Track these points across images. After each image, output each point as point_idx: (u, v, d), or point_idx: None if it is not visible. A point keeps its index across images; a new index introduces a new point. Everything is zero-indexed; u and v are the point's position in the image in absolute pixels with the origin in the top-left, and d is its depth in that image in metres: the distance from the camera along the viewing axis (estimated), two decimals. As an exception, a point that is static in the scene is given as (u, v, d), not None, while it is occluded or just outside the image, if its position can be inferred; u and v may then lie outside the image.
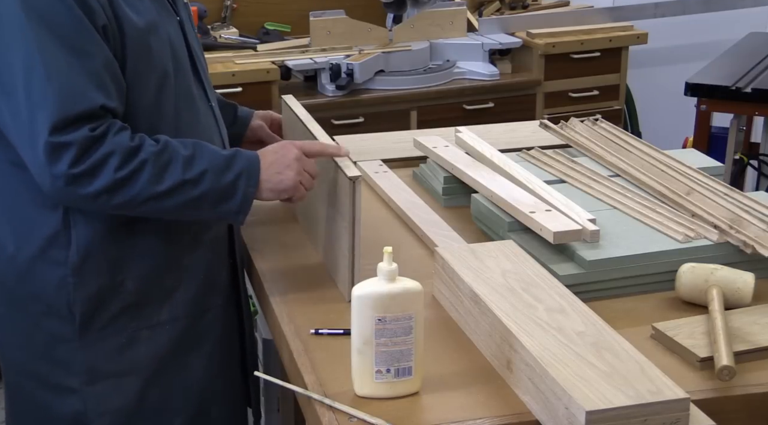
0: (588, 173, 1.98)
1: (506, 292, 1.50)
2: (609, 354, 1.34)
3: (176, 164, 1.52)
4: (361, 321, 1.35)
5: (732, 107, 3.27)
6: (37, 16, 1.46)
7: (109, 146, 1.48)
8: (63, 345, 1.63)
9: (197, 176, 1.53)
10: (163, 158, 1.52)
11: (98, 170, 1.48)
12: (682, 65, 4.00)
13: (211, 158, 1.56)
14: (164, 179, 1.51)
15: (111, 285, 1.62)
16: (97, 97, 1.48)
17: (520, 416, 1.34)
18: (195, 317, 1.70)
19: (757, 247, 1.67)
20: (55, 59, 1.46)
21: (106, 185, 1.48)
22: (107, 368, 1.65)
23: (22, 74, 1.46)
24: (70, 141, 1.46)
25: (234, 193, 1.56)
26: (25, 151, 1.49)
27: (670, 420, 1.25)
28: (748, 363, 1.44)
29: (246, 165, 1.58)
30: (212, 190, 1.55)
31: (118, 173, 1.48)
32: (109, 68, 1.51)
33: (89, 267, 1.60)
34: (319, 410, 1.36)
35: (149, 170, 1.50)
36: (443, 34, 3.79)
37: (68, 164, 1.46)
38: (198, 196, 1.54)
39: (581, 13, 4.02)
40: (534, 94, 3.82)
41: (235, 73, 3.36)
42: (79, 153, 1.46)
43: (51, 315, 1.62)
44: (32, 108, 1.46)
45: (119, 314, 1.63)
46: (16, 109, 1.48)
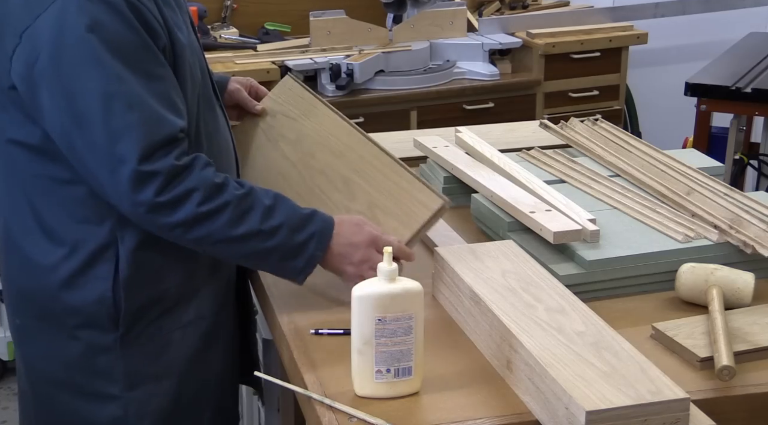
0: (588, 173, 1.98)
1: (506, 292, 1.50)
2: (609, 354, 1.34)
3: (256, 212, 1.53)
4: (361, 321, 1.35)
5: (732, 107, 3.27)
6: (108, 43, 1.45)
7: (195, 181, 1.48)
8: (102, 355, 1.62)
9: (273, 228, 1.53)
10: (245, 204, 1.52)
11: (182, 201, 1.48)
12: (682, 65, 4.00)
13: (289, 213, 1.56)
14: (241, 225, 1.51)
15: (156, 295, 1.62)
16: (175, 120, 1.49)
17: (520, 416, 1.34)
18: (216, 313, 1.71)
19: (757, 247, 1.67)
20: (131, 87, 1.45)
21: (186, 218, 1.49)
22: (146, 372, 1.64)
23: (99, 104, 1.44)
24: (158, 170, 1.46)
25: (303, 253, 1.56)
26: (104, 177, 1.48)
27: (670, 420, 1.25)
28: (748, 363, 1.44)
29: (321, 227, 1.57)
30: (283, 245, 1.55)
31: (200, 207, 1.49)
32: (176, 89, 1.52)
33: (138, 280, 1.59)
34: (319, 410, 1.36)
35: (230, 212, 1.50)
36: (443, 34, 3.79)
37: (154, 193, 1.46)
38: (269, 248, 1.54)
39: (581, 13, 4.02)
40: (534, 94, 3.82)
41: (235, 73, 3.35)
42: (165, 182, 1.46)
43: (89, 327, 1.61)
44: (113, 137, 1.45)
45: (157, 318, 1.63)
46: (93, 137, 1.46)
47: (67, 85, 1.46)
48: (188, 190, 1.48)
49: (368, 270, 1.58)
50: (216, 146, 1.67)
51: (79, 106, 1.46)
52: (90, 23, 1.44)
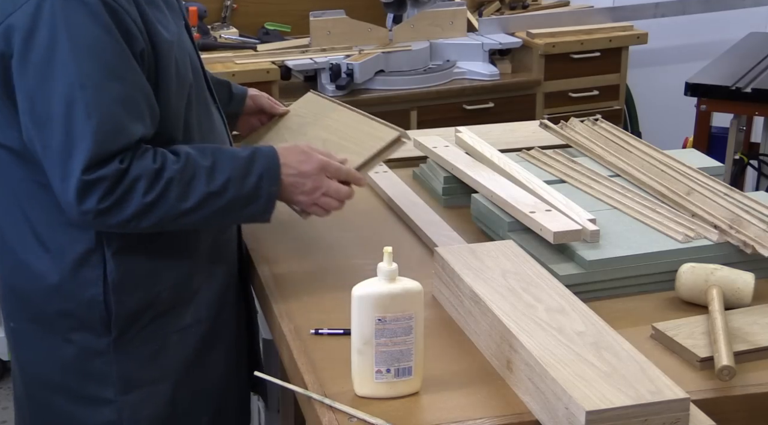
0: (588, 173, 1.98)
1: (506, 292, 1.50)
2: (609, 354, 1.33)
3: (200, 178, 1.52)
4: (361, 321, 1.35)
5: (732, 107, 3.27)
6: (79, 46, 1.43)
7: (135, 172, 1.47)
8: (96, 359, 1.62)
9: (221, 186, 1.53)
10: (187, 174, 1.51)
11: (126, 198, 1.47)
12: (682, 65, 4.00)
13: (231, 164, 1.55)
14: (190, 195, 1.51)
15: (147, 299, 1.62)
16: (136, 129, 1.48)
17: (520, 416, 1.34)
18: (215, 317, 1.71)
19: (757, 247, 1.67)
20: (95, 92, 1.44)
21: (136, 211, 1.48)
22: (141, 376, 1.64)
23: (61, 107, 1.44)
24: (102, 176, 1.45)
25: (258, 196, 1.56)
26: (56, 183, 1.48)
27: (670, 420, 1.25)
28: (748, 363, 1.44)
29: (265, 164, 1.57)
30: (237, 197, 1.55)
31: (146, 197, 1.48)
32: (146, 96, 1.51)
33: (127, 284, 1.59)
34: (319, 410, 1.36)
35: (175, 189, 1.50)
36: (443, 34, 3.79)
37: (97, 200, 1.46)
38: (224, 205, 1.54)
39: (581, 13, 4.02)
40: (534, 94, 3.82)
41: (235, 73, 3.36)
42: (109, 187, 1.46)
43: (82, 331, 1.61)
44: (70, 145, 1.44)
45: (150, 322, 1.63)
46: (50, 141, 1.46)
47: (33, 84, 1.45)
48: (131, 183, 1.47)
49: (321, 197, 1.61)
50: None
51: (42, 107, 1.45)
52: (62, 23, 1.43)
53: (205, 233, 1.67)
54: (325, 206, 1.64)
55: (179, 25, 1.63)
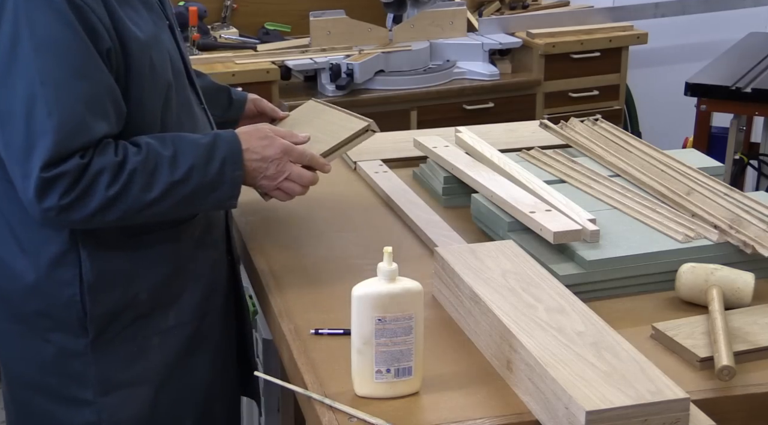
0: (588, 173, 1.98)
1: (506, 292, 1.50)
2: (609, 354, 1.33)
3: (162, 168, 1.51)
4: (361, 321, 1.35)
5: (732, 107, 3.28)
6: (43, 44, 1.42)
7: (97, 166, 1.46)
8: (75, 359, 1.62)
9: (185, 174, 1.52)
10: (149, 165, 1.50)
11: (89, 193, 1.46)
12: (682, 65, 4.00)
13: (193, 151, 1.54)
14: (154, 186, 1.50)
15: (125, 299, 1.61)
16: (98, 127, 1.47)
17: (520, 416, 1.34)
18: (200, 319, 1.70)
19: (757, 247, 1.67)
20: (57, 90, 1.43)
21: (99, 205, 1.47)
22: (120, 378, 1.64)
23: (23, 105, 1.43)
24: (62, 172, 1.43)
25: (222, 182, 1.56)
26: (18, 182, 1.47)
27: (670, 420, 1.25)
28: (748, 363, 1.44)
29: (227, 150, 1.57)
30: (201, 184, 1.54)
31: (110, 190, 1.47)
32: (111, 94, 1.49)
33: (103, 285, 1.59)
34: (319, 410, 1.36)
35: (138, 180, 1.49)
36: (443, 34, 3.79)
37: (59, 196, 1.44)
38: (189, 193, 1.53)
39: (581, 13, 4.02)
40: (534, 94, 3.82)
41: (235, 73, 3.36)
42: (71, 183, 1.45)
43: (60, 331, 1.61)
44: (30, 143, 1.43)
45: (130, 324, 1.62)
46: (11, 139, 1.45)
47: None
48: (93, 177, 1.46)
49: (284, 181, 1.62)
50: None
51: (3, 105, 1.44)
52: (24, 20, 1.42)
53: (187, 236, 1.66)
54: (287, 191, 1.65)
55: (159, 25, 1.61)
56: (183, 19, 3.50)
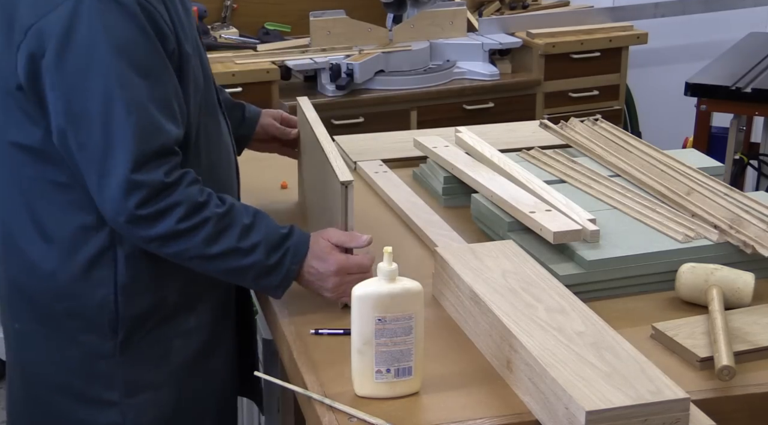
0: (588, 173, 1.98)
1: (506, 292, 1.50)
2: (609, 354, 1.33)
3: (234, 230, 1.52)
4: (361, 321, 1.35)
5: (732, 107, 3.27)
6: (116, 45, 1.44)
7: (179, 196, 1.48)
8: (102, 361, 1.61)
9: (250, 246, 1.53)
10: (224, 222, 1.51)
11: (162, 216, 1.47)
12: (682, 65, 4.00)
13: (267, 231, 1.55)
14: (218, 242, 1.51)
15: (155, 301, 1.61)
16: (171, 129, 1.48)
17: (520, 416, 1.34)
18: (218, 322, 1.70)
19: (757, 247, 1.67)
20: (134, 91, 1.45)
21: (164, 233, 1.48)
22: (146, 379, 1.63)
23: (99, 105, 1.44)
24: (145, 182, 1.45)
25: (278, 270, 1.56)
26: (92, 180, 1.48)
27: (670, 420, 1.25)
28: (748, 363, 1.44)
29: (296, 245, 1.56)
30: (259, 263, 1.54)
31: (180, 224, 1.48)
32: (178, 97, 1.52)
33: (137, 287, 1.59)
34: (319, 410, 1.36)
35: (208, 229, 1.50)
36: (443, 34, 3.79)
37: (135, 205, 1.45)
38: (244, 266, 1.54)
39: (581, 13, 4.02)
40: (534, 94, 3.82)
41: (235, 73, 3.36)
42: (149, 196, 1.46)
43: (90, 332, 1.60)
44: (109, 141, 1.44)
45: (156, 326, 1.62)
46: (87, 140, 1.46)
47: (70, 83, 1.45)
48: (170, 205, 1.48)
49: (343, 295, 1.58)
50: (216, 152, 1.67)
51: (79, 105, 1.46)
52: (100, 24, 1.44)
53: None
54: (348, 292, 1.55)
55: (194, 30, 1.64)
56: (183, 19, 3.50)
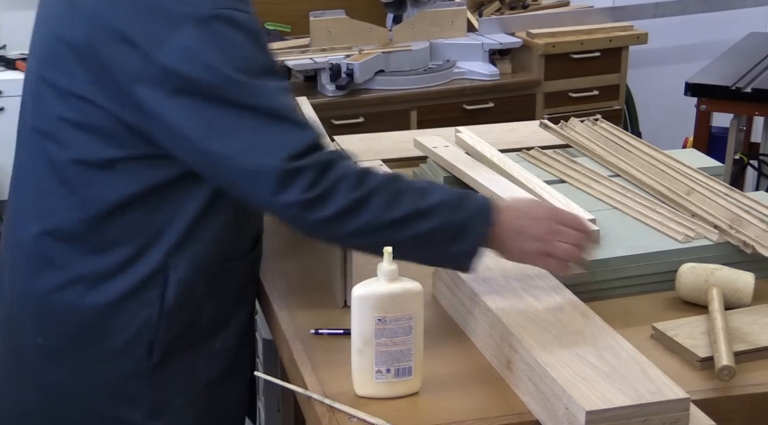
0: (588, 173, 1.98)
1: (506, 292, 1.50)
2: (609, 354, 1.34)
3: (409, 193, 1.44)
4: (361, 321, 1.35)
5: (732, 106, 3.27)
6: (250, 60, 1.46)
7: (341, 170, 1.42)
8: (132, 381, 1.57)
9: (430, 206, 1.43)
10: (395, 185, 1.44)
11: (332, 192, 1.41)
12: (682, 65, 4.00)
13: (443, 191, 1.47)
14: (397, 206, 1.42)
15: (191, 326, 1.58)
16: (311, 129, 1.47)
17: (520, 416, 1.34)
18: (239, 345, 1.68)
19: (757, 247, 1.67)
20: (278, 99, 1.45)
21: (341, 207, 1.41)
22: (171, 402, 1.60)
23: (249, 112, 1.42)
24: (305, 165, 1.40)
25: (464, 235, 1.44)
26: (244, 184, 1.44)
27: (670, 420, 1.25)
28: (748, 363, 1.44)
29: (477, 205, 1.46)
30: (443, 227, 1.44)
31: (352, 194, 1.41)
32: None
33: (179, 310, 1.55)
34: (319, 410, 1.36)
35: (382, 194, 1.42)
36: (443, 34, 3.79)
37: (301, 190, 1.40)
38: (430, 230, 1.43)
39: (581, 13, 4.02)
40: (534, 94, 3.82)
41: (235, 73, 3.35)
42: (314, 178, 1.41)
43: (125, 352, 1.56)
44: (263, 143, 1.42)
45: (187, 348, 1.60)
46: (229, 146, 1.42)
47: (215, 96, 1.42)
48: (336, 178, 1.42)
49: (557, 244, 1.45)
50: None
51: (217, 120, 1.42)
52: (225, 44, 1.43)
53: (256, 264, 1.66)
54: (562, 254, 1.47)
55: None
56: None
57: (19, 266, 1.61)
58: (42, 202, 1.57)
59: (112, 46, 1.44)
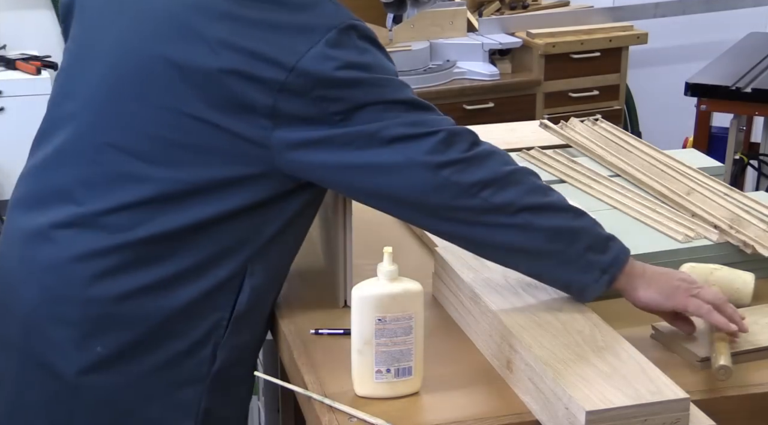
0: (588, 173, 1.98)
1: (506, 292, 1.50)
2: (609, 354, 1.34)
3: (554, 193, 1.48)
4: (361, 321, 1.35)
5: (732, 106, 3.28)
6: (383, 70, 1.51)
7: (491, 147, 1.46)
8: (190, 388, 1.51)
9: (578, 211, 1.47)
10: (540, 181, 1.48)
11: (486, 160, 1.43)
12: (682, 65, 4.00)
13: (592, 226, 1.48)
14: (546, 194, 1.45)
15: (255, 332, 1.57)
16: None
17: (520, 416, 1.34)
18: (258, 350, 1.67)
19: (757, 247, 1.67)
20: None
21: (492, 176, 1.42)
22: (220, 413, 1.56)
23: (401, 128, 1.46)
24: (463, 130, 1.45)
25: (609, 246, 1.46)
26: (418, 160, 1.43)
27: (670, 420, 1.25)
28: (748, 363, 1.44)
29: (618, 249, 1.47)
30: (591, 230, 1.46)
31: (504, 168, 1.44)
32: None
33: (248, 317, 1.53)
34: (319, 410, 1.36)
35: (530, 180, 1.45)
36: (443, 34, 3.79)
37: (463, 148, 1.42)
38: (577, 228, 1.45)
39: (581, 13, 4.03)
40: (534, 94, 3.82)
41: (235, 73, 3.35)
42: (471, 142, 1.44)
43: (190, 356, 1.50)
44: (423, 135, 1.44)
45: (244, 359, 1.57)
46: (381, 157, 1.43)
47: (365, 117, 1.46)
48: (489, 151, 1.45)
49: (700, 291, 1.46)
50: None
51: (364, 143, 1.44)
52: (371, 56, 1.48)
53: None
54: (710, 297, 1.45)
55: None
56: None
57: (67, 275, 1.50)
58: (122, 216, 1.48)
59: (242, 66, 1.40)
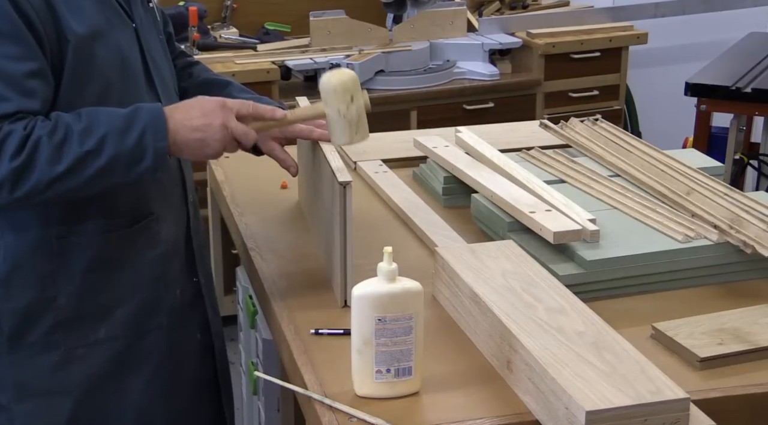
0: (588, 173, 1.98)
1: (506, 292, 1.50)
2: (609, 354, 1.34)
3: (71, 139, 1.44)
4: (361, 321, 1.35)
5: (732, 106, 3.28)
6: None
7: (0, 136, 1.42)
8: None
9: (97, 144, 1.45)
10: (57, 137, 1.43)
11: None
12: (682, 65, 4.00)
13: (108, 121, 1.47)
14: (63, 157, 1.43)
15: (41, 300, 1.57)
16: (14, 102, 1.43)
17: (520, 416, 1.34)
18: (135, 337, 1.65)
19: (757, 247, 1.67)
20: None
21: (3, 177, 1.42)
22: (37, 386, 1.59)
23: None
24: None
25: (144, 152, 1.47)
26: None
27: (670, 420, 1.25)
28: (748, 363, 1.44)
29: (149, 118, 1.48)
30: (118, 154, 1.46)
31: (14, 162, 1.41)
32: (39, 74, 1.46)
33: (17, 280, 1.55)
34: (319, 410, 1.36)
35: (45, 151, 1.42)
36: (443, 34, 3.79)
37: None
38: (105, 165, 1.45)
39: (581, 13, 4.03)
40: (534, 94, 3.82)
41: (235, 73, 3.36)
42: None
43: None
44: None
45: (52, 330, 1.58)
46: None
47: None
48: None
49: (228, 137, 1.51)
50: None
51: None
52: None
53: (114, 240, 1.61)
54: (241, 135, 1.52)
55: (114, 23, 1.57)
56: (183, 19, 3.50)
57: None
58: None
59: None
